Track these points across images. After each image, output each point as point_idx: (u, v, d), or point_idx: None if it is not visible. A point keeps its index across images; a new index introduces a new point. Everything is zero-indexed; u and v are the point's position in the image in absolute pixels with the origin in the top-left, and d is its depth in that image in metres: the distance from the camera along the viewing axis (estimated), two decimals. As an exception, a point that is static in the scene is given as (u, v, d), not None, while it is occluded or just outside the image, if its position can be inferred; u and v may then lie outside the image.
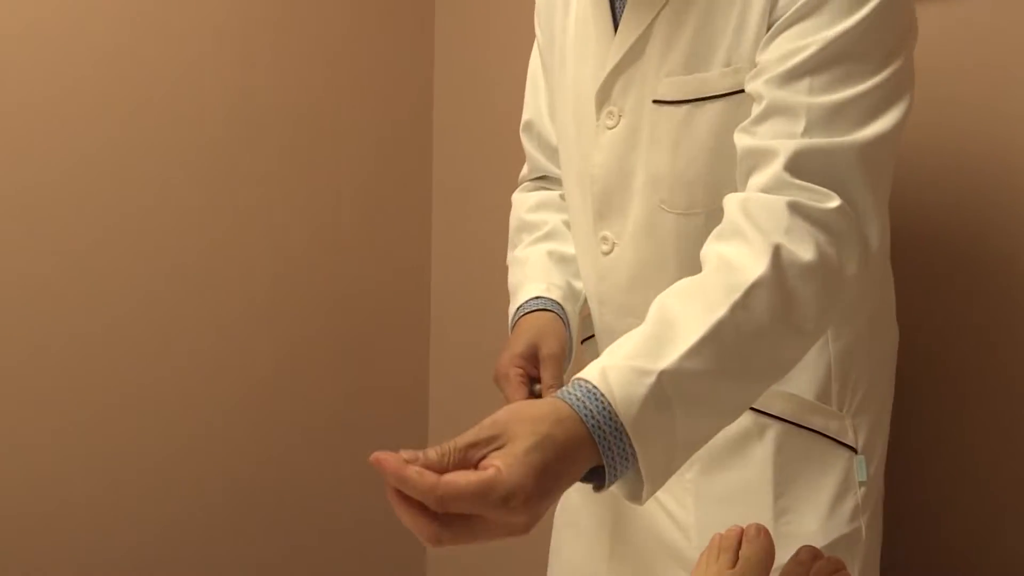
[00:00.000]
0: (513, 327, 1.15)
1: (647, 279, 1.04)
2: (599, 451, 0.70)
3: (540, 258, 1.20)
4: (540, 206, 1.24)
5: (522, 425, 0.67)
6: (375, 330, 2.11)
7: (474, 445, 0.65)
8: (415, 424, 2.19)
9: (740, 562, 0.81)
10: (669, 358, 0.73)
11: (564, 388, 0.73)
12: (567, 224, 1.20)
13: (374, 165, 2.08)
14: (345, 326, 2.06)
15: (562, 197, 1.21)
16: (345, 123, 2.03)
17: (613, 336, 1.11)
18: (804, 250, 0.80)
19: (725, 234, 0.84)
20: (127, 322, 1.78)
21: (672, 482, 0.78)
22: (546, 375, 1.06)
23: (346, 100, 2.03)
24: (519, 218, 1.26)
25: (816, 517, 0.98)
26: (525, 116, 1.25)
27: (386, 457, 0.64)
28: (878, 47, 0.86)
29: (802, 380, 1.00)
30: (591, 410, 0.69)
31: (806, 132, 0.84)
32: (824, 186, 0.83)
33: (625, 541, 1.11)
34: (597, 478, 0.73)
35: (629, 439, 0.70)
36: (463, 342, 2.11)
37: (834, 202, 0.82)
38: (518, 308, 1.15)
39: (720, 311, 0.76)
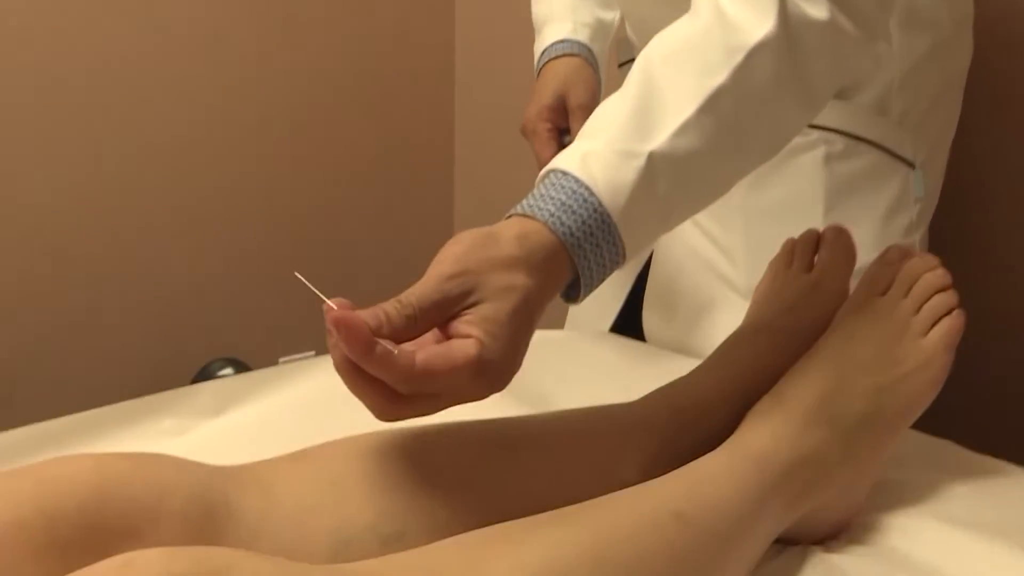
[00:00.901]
0: (539, 73, 1.07)
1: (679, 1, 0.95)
2: (578, 272, 0.60)
3: None
4: None
5: (495, 276, 0.55)
6: (402, 83, 2.15)
7: (442, 305, 0.54)
8: (440, 177, 2.25)
9: (817, 266, 0.78)
10: (660, 136, 0.63)
11: (537, 193, 0.61)
12: None
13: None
14: (373, 81, 2.10)
15: None
16: None
17: None
18: (814, 7, 0.68)
19: None
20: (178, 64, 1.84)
21: (716, 204, 0.72)
22: (576, 127, 1.00)
23: None
24: (544, -63, 1.15)
25: (869, 230, 0.95)
26: None
27: (350, 323, 0.49)
28: None
29: (861, 90, 0.95)
30: (569, 227, 0.59)
31: None
32: None
33: (662, 263, 1.09)
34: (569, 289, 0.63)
35: (618, 235, 0.61)
36: (488, 88, 2.09)
37: None
38: (543, 52, 1.07)
39: (719, 77, 0.65)
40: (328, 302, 0.51)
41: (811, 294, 0.76)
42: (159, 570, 0.39)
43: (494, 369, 0.54)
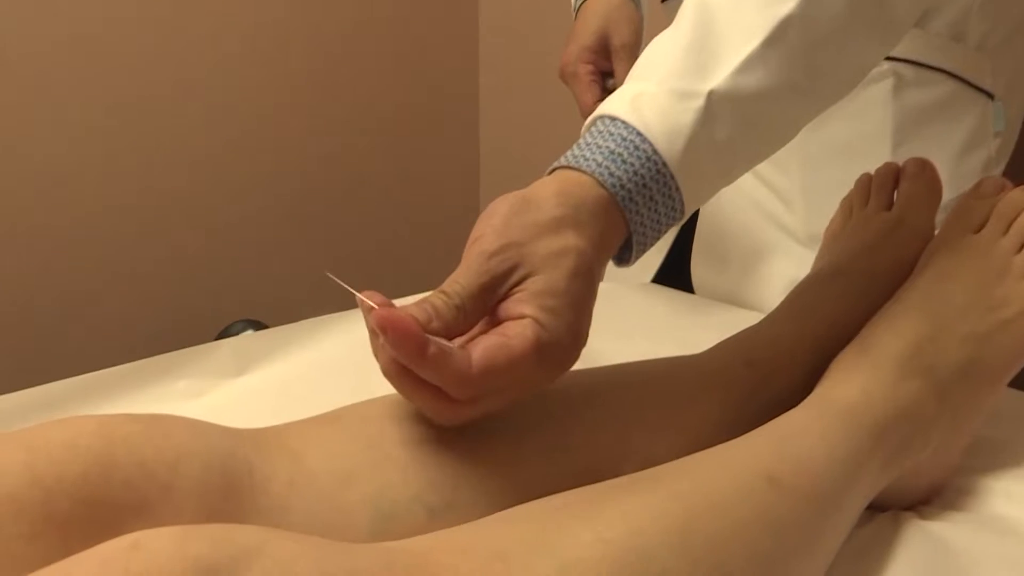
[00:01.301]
0: (577, 11, 1.00)
1: None
2: (630, 229, 0.54)
3: None
4: None
5: (541, 243, 0.49)
6: (424, 28, 2.08)
7: (489, 287, 0.48)
8: (465, 124, 2.17)
9: (898, 203, 0.70)
10: (720, 73, 0.55)
11: (582, 143, 0.54)
12: None
13: None
14: (395, 24, 2.03)
15: None
16: None
17: None
18: None
19: None
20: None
21: None
22: (620, 69, 0.93)
23: None
24: None
25: (942, 167, 0.87)
26: None
27: (399, 322, 0.43)
28: None
29: (936, 15, 0.86)
30: (619, 178, 0.52)
31: None
32: None
33: (711, 209, 1.01)
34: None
35: (675, 185, 0.53)
36: (514, 28, 1.99)
37: None
38: None
39: (786, 5, 0.57)
40: (364, 299, 0.44)
41: (892, 233, 0.68)
42: (172, 552, 0.32)
43: (559, 349, 0.47)
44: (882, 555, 0.53)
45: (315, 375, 0.75)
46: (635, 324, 0.89)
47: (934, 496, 0.60)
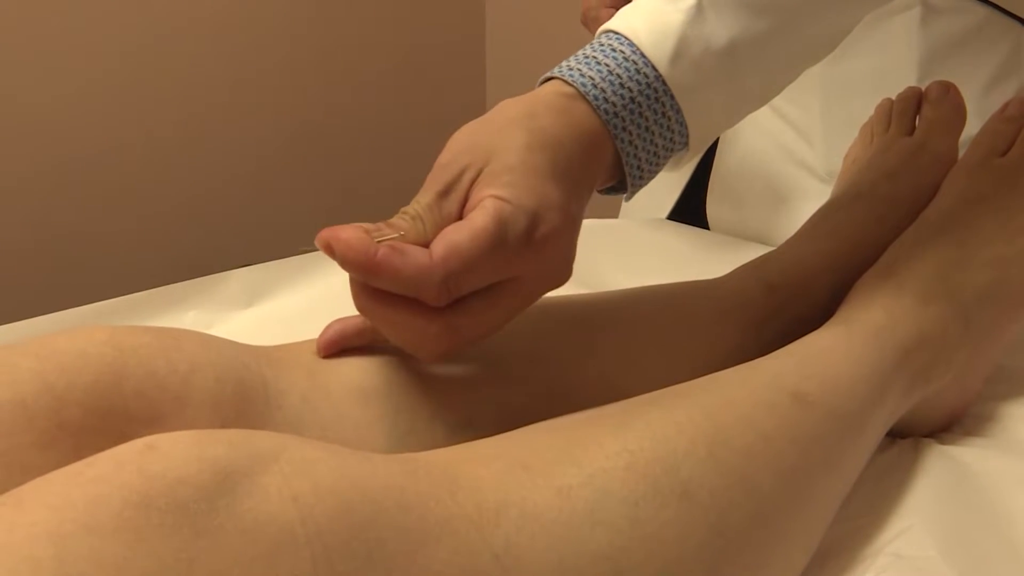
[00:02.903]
0: None
1: None
2: (613, 144, 0.48)
3: None
4: None
5: (492, 139, 0.45)
6: None
7: (445, 193, 0.44)
8: (471, 76, 2.15)
9: (921, 127, 0.68)
10: None
11: (564, 60, 0.51)
12: None
13: None
14: None
15: None
16: None
17: None
18: None
19: None
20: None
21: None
22: None
23: None
24: None
25: (968, 102, 0.85)
26: None
27: (340, 234, 0.40)
28: None
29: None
30: (591, 78, 0.47)
31: None
32: None
33: (728, 146, 0.99)
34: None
35: (667, 90, 0.48)
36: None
37: None
38: None
39: None
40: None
41: (914, 158, 0.66)
42: (187, 455, 0.31)
43: (525, 217, 0.43)
44: (904, 478, 0.52)
45: (325, 306, 0.73)
46: (649, 259, 0.88)
47: (954, 423, 0.59)
